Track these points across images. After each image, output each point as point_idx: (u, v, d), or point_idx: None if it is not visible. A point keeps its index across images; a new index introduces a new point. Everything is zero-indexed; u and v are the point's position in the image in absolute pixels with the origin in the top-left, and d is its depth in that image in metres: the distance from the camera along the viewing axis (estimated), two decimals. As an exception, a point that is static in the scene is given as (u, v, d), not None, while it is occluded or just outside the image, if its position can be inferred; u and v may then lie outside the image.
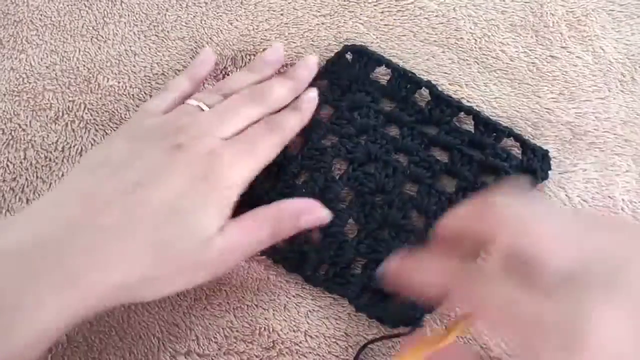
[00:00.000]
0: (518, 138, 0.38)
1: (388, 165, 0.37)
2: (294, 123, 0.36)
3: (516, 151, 0.38)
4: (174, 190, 0.29)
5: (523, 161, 0.37)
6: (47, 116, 0.43)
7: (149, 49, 0.45)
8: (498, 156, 0.37)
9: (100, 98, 0.43)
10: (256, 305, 0.36)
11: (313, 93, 0.38)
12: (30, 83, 0.44)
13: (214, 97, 0.35)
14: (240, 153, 0.32)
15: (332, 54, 0.43)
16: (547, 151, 0.37)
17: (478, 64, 0.42)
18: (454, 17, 0.45)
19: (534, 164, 0.37)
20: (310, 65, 0.39)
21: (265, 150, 0.34)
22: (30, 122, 0.42)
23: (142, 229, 0.28)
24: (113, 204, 0.29)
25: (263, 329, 0.34)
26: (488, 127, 0.38)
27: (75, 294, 0.27)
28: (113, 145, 0.33)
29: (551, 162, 0.37)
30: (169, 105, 0.36)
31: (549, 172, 0.37)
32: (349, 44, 0.43)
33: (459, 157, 0.38)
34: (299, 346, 0.33)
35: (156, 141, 0.31)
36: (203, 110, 0.34)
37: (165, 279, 0.29)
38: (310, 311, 0.35)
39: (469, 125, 0.39)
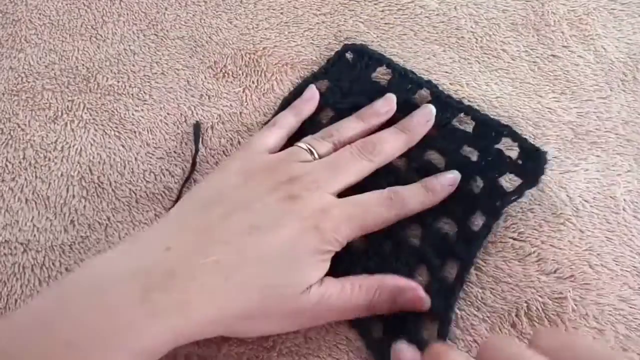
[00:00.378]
0: (516, 138, 0.38)
1: (388, 167, 0.37)
2: (417, 206, 0.35)
3: (514, 151, 0.38)
4: (285, 238, 0.31)
5: (521, 161, 0.37)
6: (46, 116, 0.42)
7: (148, 48, 0.45)
8: (496, 156, 0.37)
9: (100, 97, 0.43)
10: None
11: (452, 177, 0.36)
12: (29, 82, 0.44)
13: (325, 145, 0.36)
14: (351, 217, 0.33)
15: (332, 53, 0.43)
16: (545, 151, 0.37)
17: (479, 63, 0.42)
18: (454, 16, 0.44)
19: (532, 164, 0.37)
20: (427, 116, 0.38)
21: (377, 224, 0.34)
22: (29, 121, 0.42)
23: (251, 270, 0.30)
24: (228, 242, 0.30)
25: (263, 330, 0.34)
26: (486, 127, 0.38)
27: (179, 321, 0.28)
28: (225, 181, 0.34)
29: (552, 161, 0.37)
30: (278, 142, 0.37)
31: (550, 171, 0.37)
32: (349, 43, 0.43)
33: (457, 158, 0.37)
34: (299, 347, 0.33)
35: (270, 185, 0.33)
36: (314, 155, 0.35)
37: (262, 320, 0.31)
38: (310, 312, 0.35)
39: (468, 124, 0.39)
